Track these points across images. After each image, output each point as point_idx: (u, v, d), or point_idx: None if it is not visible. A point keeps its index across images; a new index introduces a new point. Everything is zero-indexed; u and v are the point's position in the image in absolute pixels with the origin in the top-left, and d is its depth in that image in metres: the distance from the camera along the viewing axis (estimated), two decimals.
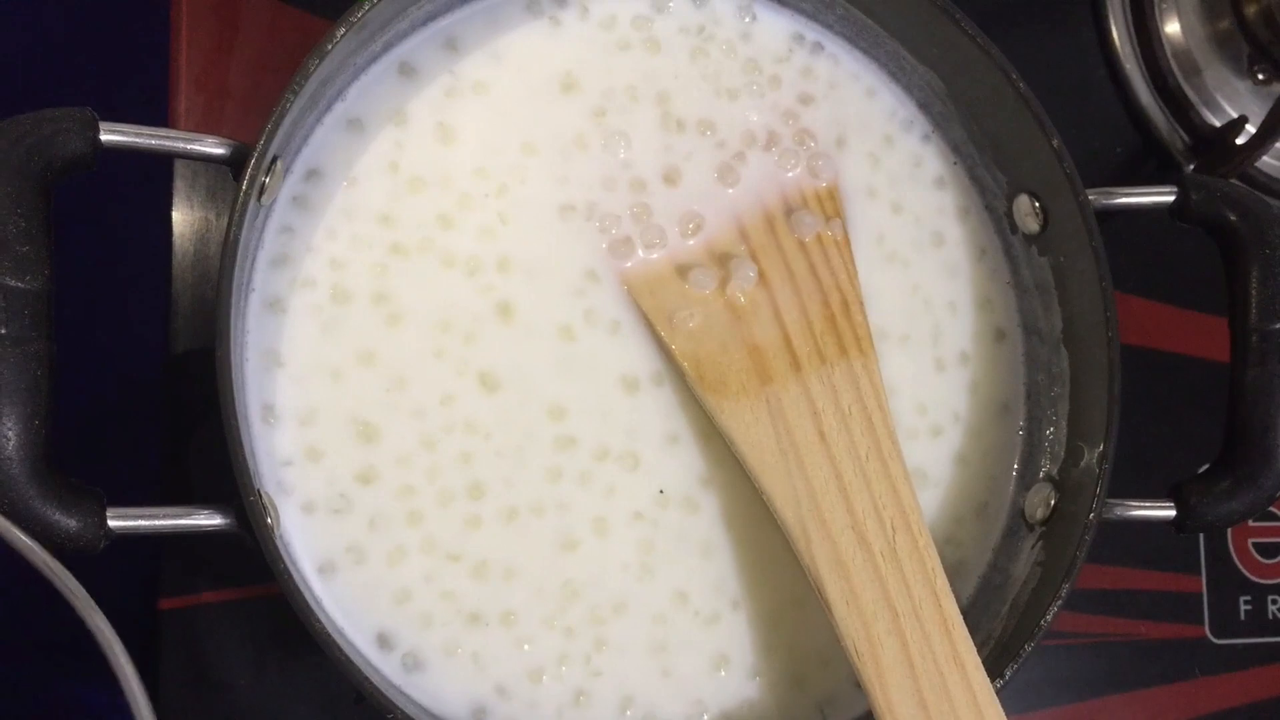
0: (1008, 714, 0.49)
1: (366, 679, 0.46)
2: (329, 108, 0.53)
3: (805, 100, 0.59)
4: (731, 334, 0.54)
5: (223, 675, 0.60)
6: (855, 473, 0.52)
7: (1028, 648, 0.51)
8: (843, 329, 0.55)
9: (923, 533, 0.52)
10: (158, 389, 0.61)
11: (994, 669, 0.51)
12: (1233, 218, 0.54)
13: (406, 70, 0.55)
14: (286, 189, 0.52)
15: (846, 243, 0.57)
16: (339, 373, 0.52)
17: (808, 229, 0.56)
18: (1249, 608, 0.73)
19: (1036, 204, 0.57)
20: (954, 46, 0.56)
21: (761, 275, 0.55)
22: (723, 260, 0.55)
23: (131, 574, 0.60)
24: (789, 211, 0.57)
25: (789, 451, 0.52)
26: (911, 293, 0.59)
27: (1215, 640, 0.72)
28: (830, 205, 0.57)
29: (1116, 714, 0.71)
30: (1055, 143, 0.54)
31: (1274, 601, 0.73)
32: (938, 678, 0.49)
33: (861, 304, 0.56)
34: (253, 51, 0.63)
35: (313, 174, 0.53)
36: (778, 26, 0.59)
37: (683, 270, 0.55)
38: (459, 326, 0.53)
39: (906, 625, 0.50)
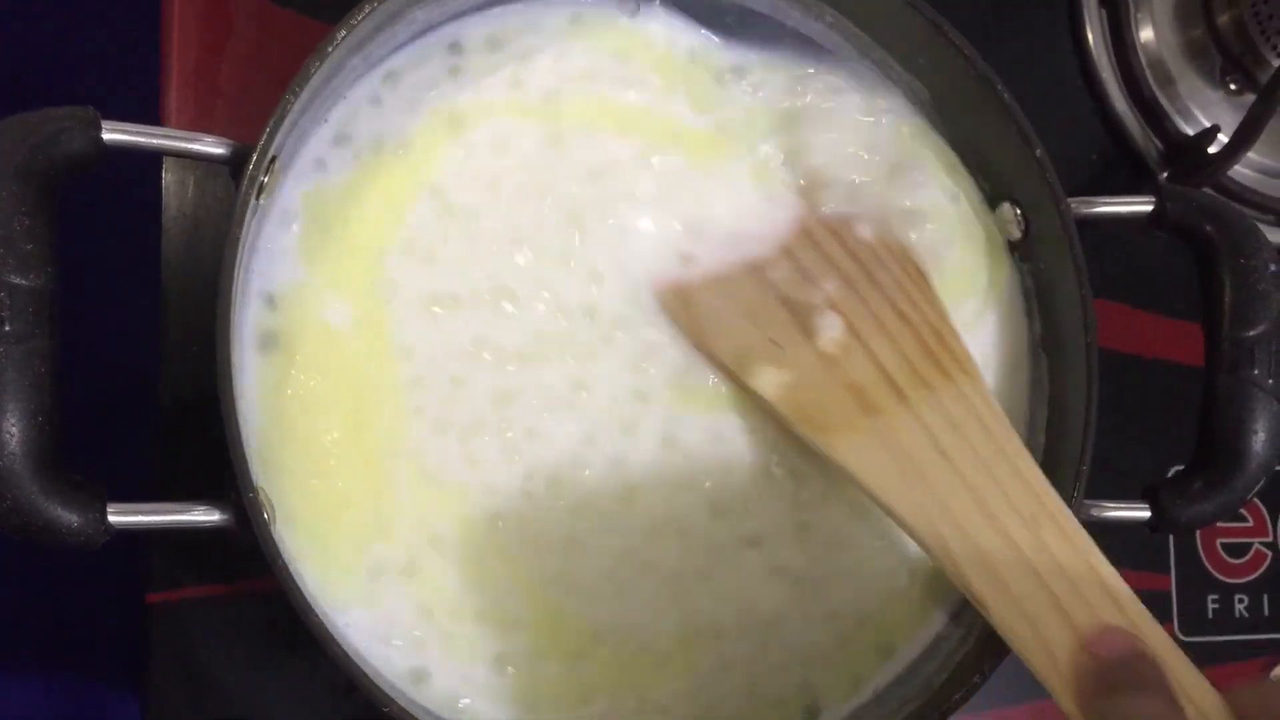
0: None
1: (365, 675, 0.46)
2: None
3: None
4: (827, 379, 0.54)
5: (212, 668, 0.61)
6: (985, 478, 0.51)
7: None
8: (942, 357, 0.54)
9: (1067, 518, 0.50)
10: (147, 382, 0.61)
11: (974, 665, 0.52)
12: (1209, 228, 0.55)
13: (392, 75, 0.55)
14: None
15: (921, 274, 0.57)
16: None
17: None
18: (1216, 606, 0.74)
19: (1018, 211, 0.58)
20: (939, 56, 0.57)
21: (848, 326, 0.55)
22: (804, 314, 0.55)
23: (119, 567, 0.60)
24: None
25: (909, 472, 0.51)
26: None
27: (1183, 638, 0.73)
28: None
29: None
30: (1039, 153, 0.55)
31: (1241, 600, 0.74)
32: None
33: (955, 333, 0.55)
34: (244, 51, 0.63)
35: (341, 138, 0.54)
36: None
37: (761, 324, 0.55)
38: None
39: (1069, 604, 0.47)
